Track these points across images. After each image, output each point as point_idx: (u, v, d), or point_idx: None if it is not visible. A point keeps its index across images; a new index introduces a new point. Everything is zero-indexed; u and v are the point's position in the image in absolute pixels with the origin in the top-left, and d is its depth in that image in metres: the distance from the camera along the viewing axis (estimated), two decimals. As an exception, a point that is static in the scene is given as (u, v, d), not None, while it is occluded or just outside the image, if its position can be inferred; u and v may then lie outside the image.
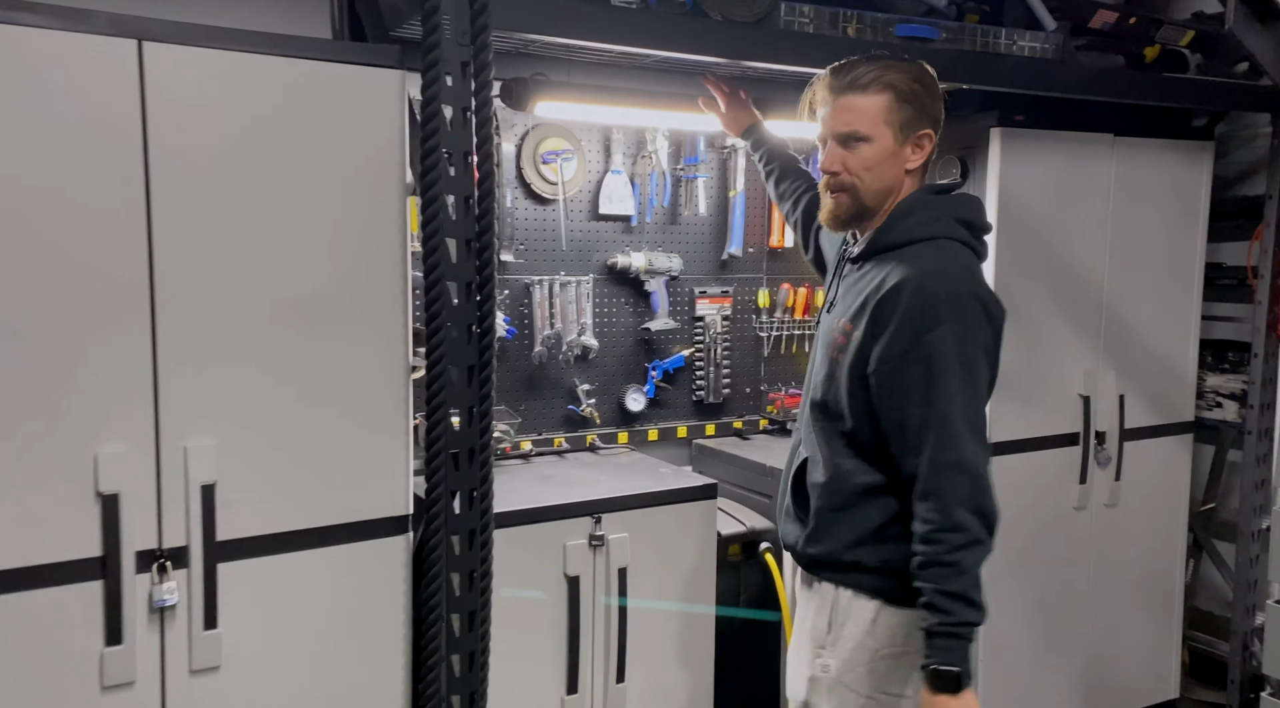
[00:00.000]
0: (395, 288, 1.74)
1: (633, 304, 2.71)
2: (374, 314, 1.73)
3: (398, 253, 1.76)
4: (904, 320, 1.42)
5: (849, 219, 1.57)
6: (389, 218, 1.73)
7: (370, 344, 1.74)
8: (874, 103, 1.49)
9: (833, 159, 1.53)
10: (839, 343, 1.53)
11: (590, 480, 2.27)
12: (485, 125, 1.65)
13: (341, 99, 1.67)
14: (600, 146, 2.60)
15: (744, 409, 2.98)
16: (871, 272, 1.53)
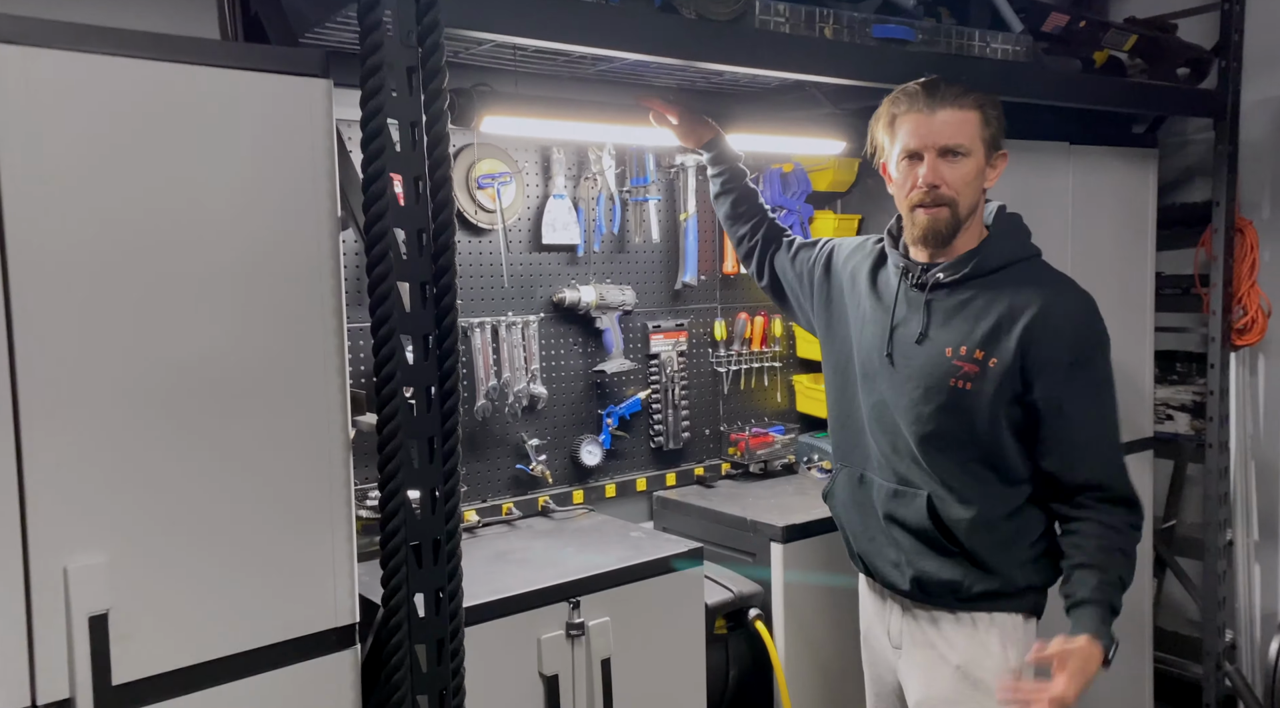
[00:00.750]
0: (328, 345, 1.45)
1: (582, 344, 2.47)
2: (302, 381, 1.44)
3: (330, 301, 1.47)
4: (1070, 343, 1.50)
5: (946, 235, 1.56)
6: (317, 259, 1.45)
7: (298, 418, 1.45)
8: (970, 118, 1.53)
9: (935, 172, 1.53)
10: (966, 372, 1.53)
11: (556, 555, 2.00)
12: (440, 143, 1.40)
13: (252, 115, 1.38)
14: (539, 168, 2.36)
15: (704, 454, 2.77)
16: (982, 294, 1.55)
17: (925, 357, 1.57)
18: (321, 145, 1.45)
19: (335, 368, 1.48)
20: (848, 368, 1.73)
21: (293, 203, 1.43)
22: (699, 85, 2.42)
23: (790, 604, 2.24)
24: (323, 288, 1.47)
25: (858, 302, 1.72)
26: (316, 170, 1.44)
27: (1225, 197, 3.04)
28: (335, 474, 1.49)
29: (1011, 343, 1.50)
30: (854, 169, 2.88)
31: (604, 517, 2.38)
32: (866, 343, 1.67)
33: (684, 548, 2.01)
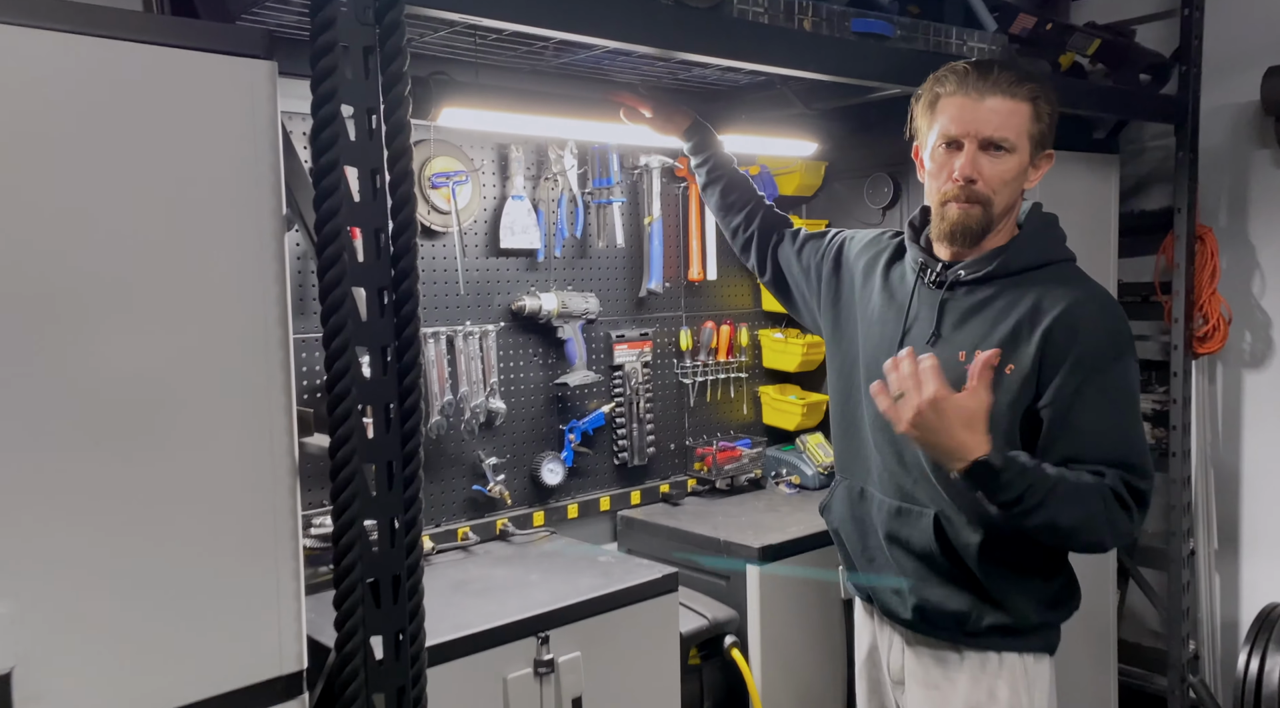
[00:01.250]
0: (272, 359, 1.31)
1: (543, 355, 2.34)
2: (241, 400, 1.29)
3: (273, 309, 1.33)
4: (1089, 350, 1.38)
5: (977, 235, 1.45)
6: (259, 262, 1.30)
7: (237, 442, 1.31)
8: (1020, 110, 1.41)
9: (973, 165, 1.41)
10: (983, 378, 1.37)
11: (519, 584, 1.87)
12: (401, 132, 1.27)
13: (184, 100, 1.23)
14: (496, 167, 2.23)
15: (669, 470, 2.66)
16: (1004, 296, 1.44)
17: (940, 360, 1.39)
18: (265, 136, 1.30)
19: (280, 385, 1.34)
20: (852, 372, 1.61)
21: (231, 200, 1.28)
22: (664, 82, 2.32)
23: (768, 630, 2.15)
24: (265, 295, 1.32)
25: (868, 299, 1.61)
26: (259, 163, 1.30)
27: (1186, 203, 3.05)
28: (280, 504, 1.34)
29: (1031, 348, 1.39)
30: (820, 173, 2.81)
31: (567, 540, 2.25)
32: (873, 345, 1.55)
33: (658, 574, 1.90)
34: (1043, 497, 1.31)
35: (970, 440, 1.30)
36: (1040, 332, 1.39)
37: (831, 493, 1.68)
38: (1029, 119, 1.41)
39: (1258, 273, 3.15)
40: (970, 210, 1.42)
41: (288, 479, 1.34)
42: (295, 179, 1.39)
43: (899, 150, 2.64)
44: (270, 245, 1.31)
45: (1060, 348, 1.37)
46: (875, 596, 1.60)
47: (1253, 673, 2.72)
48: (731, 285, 2.82)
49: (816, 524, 2.32)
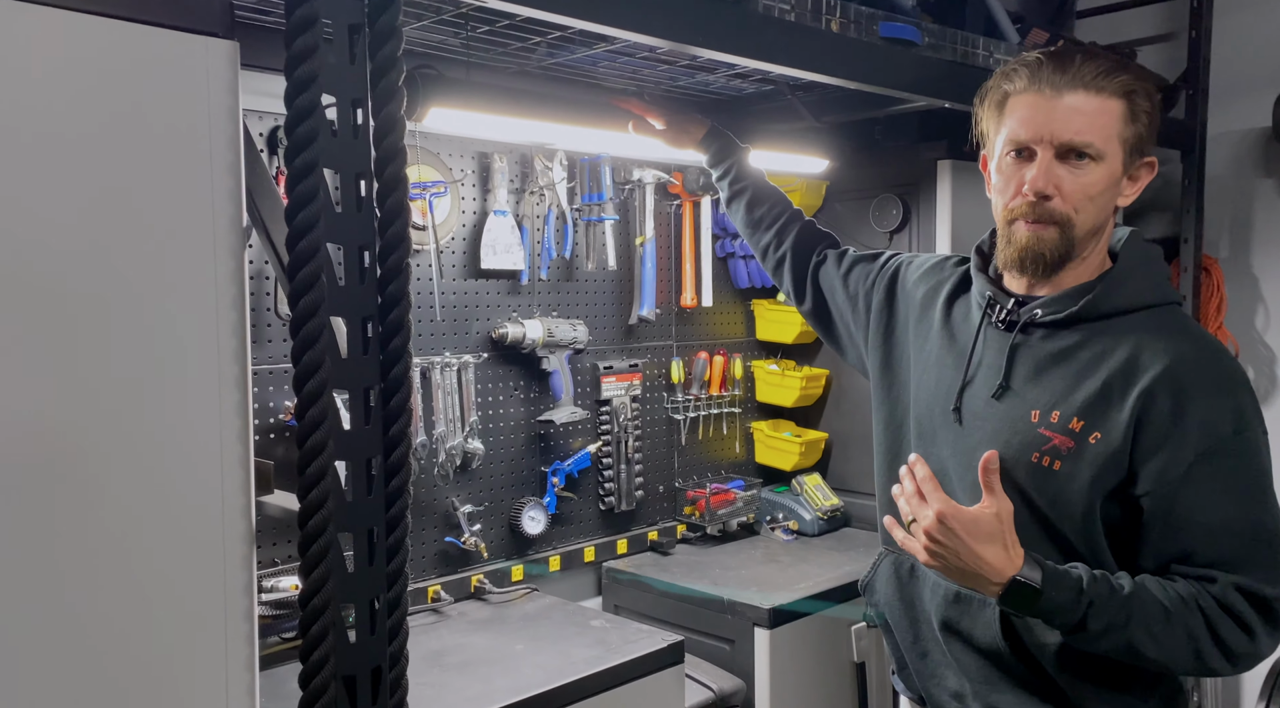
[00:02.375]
0: (226, 402, 1.10)
1: (524, 389, 2.15)
2: (186, 451, 1.07)
3: (229, 342, 1.11)
4: (1201, 421, 1.13)
5: (1052, 263, 1.21)
6: (213, 284, 1.09)
7: (180, 502, 1.08)
8: (1110, 109, 1.16)
9: (1047, 177, 1.17)
10: (1056, 445, 1.18)
11: (504, 655, 1.66)
12: (393, 129, 1.07)
13: (123, 81, 1.02)
14: (477, 178, 2.04)
15: (657, 515, 2.48)
16: (1091, 344, 1.20)
17: (1003, 418, 1.23)
18: (223, 131, 1.09)
19: (235, 432, 1.12)
20: (902, 425, 1.38)
21: (179, 208, 1.07)
22: (663, 88, 2.15)
23: (778, 701, 1.96)
24: (220, 324, 1.10)
25: (924, 338, 1.37)
26: (215, 164, 1.09)
27: (1194, 233, 2.97)
28: (232, 579, 1.12)
29: (1124, 415, 1.15)
30: (821, 192, 2.67)
31: (550, 598, 2.05)
32: (928, 394, 1.33)
33: (662, 644, 1.71)
34: (1110, 619, 1.11)
35: (996, 558, 1.13)
36: (1136, 395, 1.15)
37: (875, 569, 1.44)
38: (1121, 119, 1.17)
39: (1261, 306, 3.09)
40: (1044, 232, 1.19)
41: (242, 547, 1.12)
42: (258, 184, 1.18)
43: (908, 169, 2.54)
44: (227, 264, 1.09)
45: (1164, 418, 1.13)
46: (930, 697, 1.36)
47: None
48: (725, 313, 2.65)
49: (825, 579, 2.16)
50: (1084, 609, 1.11)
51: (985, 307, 1.29)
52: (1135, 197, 1.23)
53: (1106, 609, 1.11)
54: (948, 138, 2.41)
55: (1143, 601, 1.12)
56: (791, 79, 2.01)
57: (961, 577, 1.17)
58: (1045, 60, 1.19)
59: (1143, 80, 1.19)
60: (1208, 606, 1.12)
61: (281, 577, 1.72)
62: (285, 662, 1.70)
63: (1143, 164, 1.22)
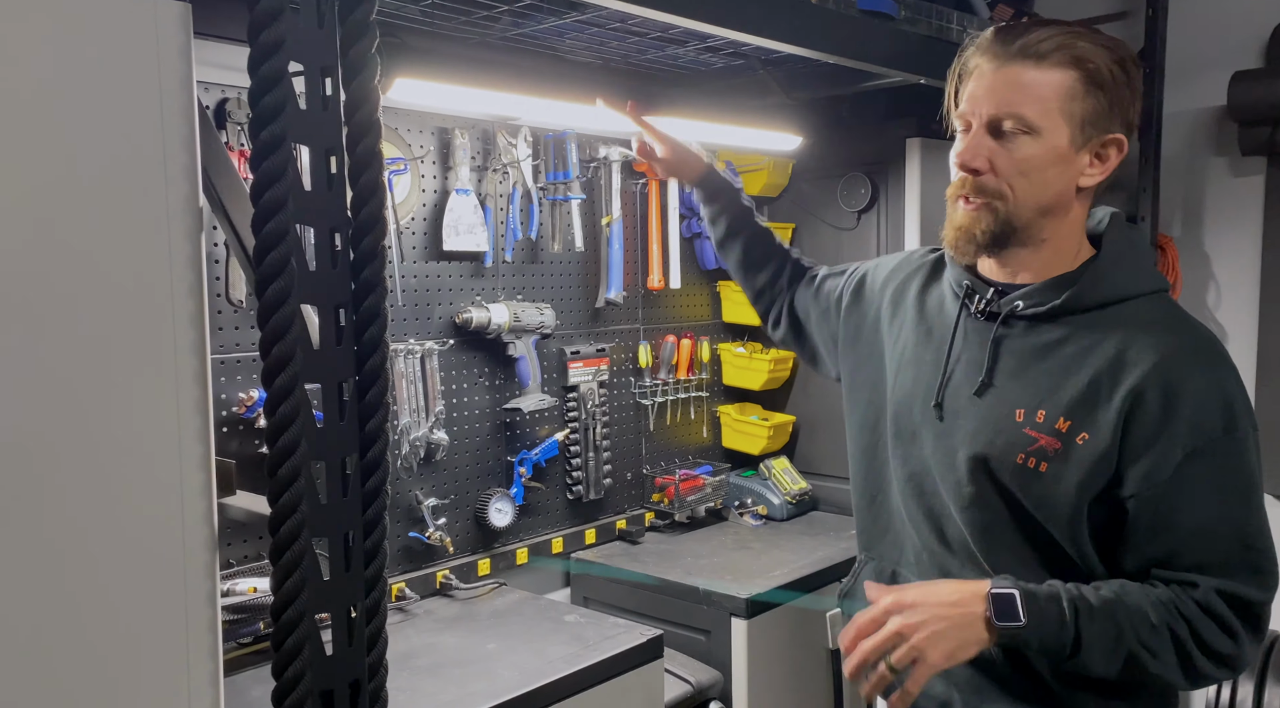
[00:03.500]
0: (184, 398, 1.02)
1: (489, 375, 2.08)
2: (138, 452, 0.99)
3: (187, 333, 1.03)
4: (1191, 420, 1.08)
5: (988, 243, 1.15)
6: (166, 271, 1.00)
7: (133, 509, 1.00)
8: (1051, 81, 1.08)
9: (975, 151, 1.12)
10: (1042, 446, 1.12)
11: (477, 655, 1.60)
12: (366, 100, 1.00)
13: (62, 44, 0.92)
14: (438, 155, 1.95)
15: (626, 503, 2.43)
16: (1077, 338, 1.14)
17: (985, 415, 1.16)
18: (176, 101, 1.00)
19: (195, 432, 1.03)
20: (877, 426, 1.32)
21: (130, 186, 0.98)
22: (631, 60, 2.08)
23: (756, 691, 1.93)
24: (176, 313, 1.02)
25: (897, 335, 1.31)
26: (168, 138, 1.00)
27: (1150, 211, 3.00)
28: (194, 589, 1.04)
29: (1111, 414, 1.09)
30: (788, 172, 2.63)
31: (519, 593, 1.99)
32: (904, 389, 1.26)
33: (641, 639, 1.67)
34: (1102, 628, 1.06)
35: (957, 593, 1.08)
36: (1124, 393, 1.09)
37: (855, 577, 1.36)
38: (1068, 92, 1.08)
39: (1213, 284, 3.14)
40: (978, 211, 1.12)
41: (203, 555, 1.04)
42: (215, 161, 1.09)
43: (877, 147, 2.52)
44: (183, 248, 1.00)
45: (1152, 417, 1.08)
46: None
47: (1224, 702, 2.68)
48: (692, 295, 2.60)
49: (798, 565, 2.14)
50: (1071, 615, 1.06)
51: (963, 296, 1.22)
52: (1101, 178, 1.15)
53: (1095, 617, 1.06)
54: (916, 115, 2.39)
55: (1129, 609, 1.07)
56: (764, 53, 1.97)
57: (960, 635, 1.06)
58: (995, 33, 1.13)
59: (1100, 50, 1.09)
60: (1190, 612, 1.08)
61: (239, 579, 1.64)
62: (245, 668, 1.63)
63: (1110, 141, 1.13)
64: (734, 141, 2.25)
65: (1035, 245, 1.16)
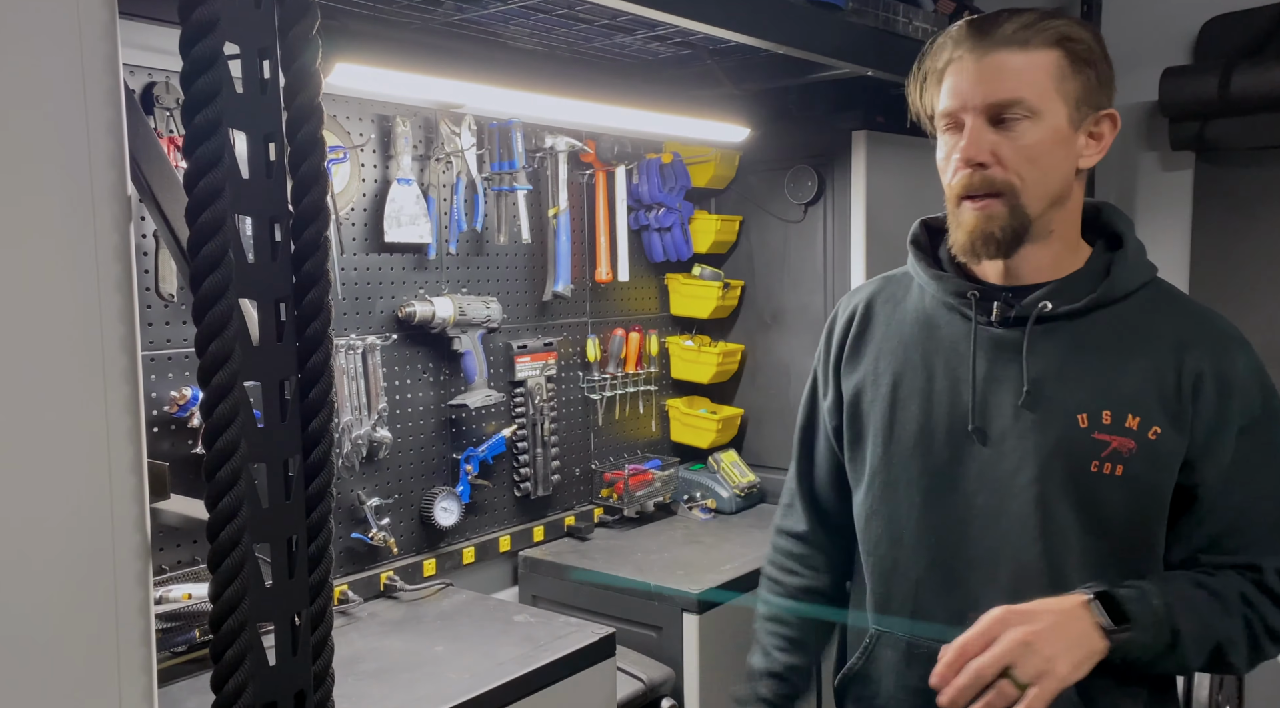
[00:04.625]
0: (114, 397, 0.96)
1: (433, 371, 2.03)
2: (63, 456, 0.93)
3: (116, 328, 0.98)
4: (1246, 406, 1.07)
5: (1008, 241, 1.07)
6: (93, 264, 0.95)
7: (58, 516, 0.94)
8: (1040, 62, 1.04)
9: (977, 144, 1.04)
10: (1116, 448, 1.06)
11: (424, 659, 1.57)
12: (307, 84, 0.96)
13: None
14: (378, 143, 1.89)
15: (575, 499, 2.40)
16: (1115, 329, 1.09)
17: (1042, 428, 1.08)
18: (100, 83, 0.94)
19: (125, 433, 0.98)
20: (894, 482, 1.17)
21: (51, 174, 0.92)
22: (577, 48, 2.05)
23: (708, 686, 1.93)
24: (104, 308, 0.96)
25: (889, 373, 1.18)
26: (92, 123, 0.94)
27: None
28: (126, 600, 0.99)
29: (1181, 401, 1.06)
30: (735, 164, 2.62)
31: (467, 593, 1.95)
32: (913, 423, 1.14)
33: (593, 637, 1.65)
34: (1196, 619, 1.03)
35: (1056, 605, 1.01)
36: (1189, 379, 1.06)
37: (864, 659, 1.19)
38: (1057, 71, 1.04)
39: (1145, 276, 3.22)
40: (991, 209, 1.06)
41: (136, 564, 0.99)
42: (144, 148, 1.04)
43: (824, 140, 2.52)
44: (110, 239, 0.95)
45: (1212, 401, 1.06)
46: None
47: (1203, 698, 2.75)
48: (640, 288, 2.58)
49: (749, 559, 2.13)
50: (1165, 613, 1.01)
51: (974, 306, 1.12)
52: (1099, 156, 1.10)
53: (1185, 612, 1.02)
54: (863, 108, 2.39)
55: (1210, 601, 1.04)
56: (712, 43, 1.95)
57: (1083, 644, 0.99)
58: (968, 25, 1.08)
59: (1079, 28, 1.07)
60: (1254, 596, 1.05)
61: (172, 585, 1.58)
62: (179, 678, 1.56)
63: (1103, 117, 1.09)
64: (681, 132, 2.23)
65: (1045, 240, 1.10)
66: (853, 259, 2.44)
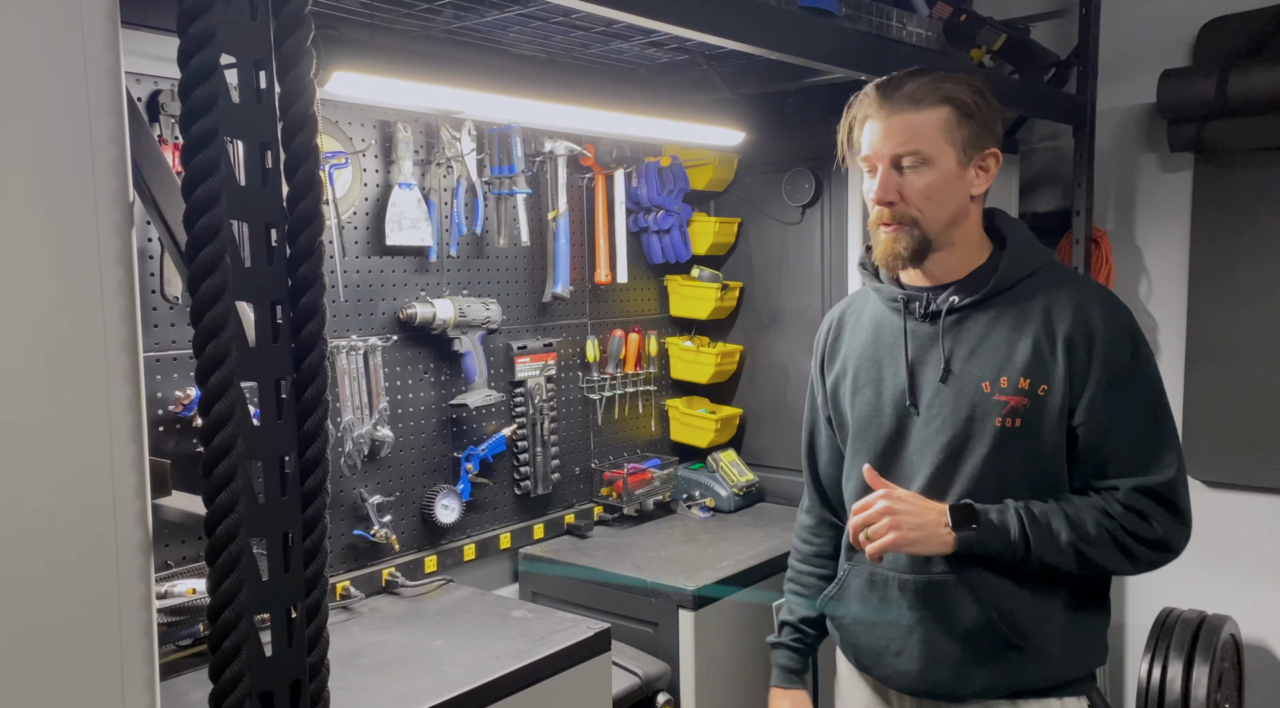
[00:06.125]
0: (115, 399, 1.00)
1: (434, 371, 2.06)
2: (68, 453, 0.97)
3: (117, 331, 1.01)
4: (1109, 354, 1.34)
5: (911, 256, 1.39)
6: (95, 268, 0.98)
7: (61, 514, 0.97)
8: (932, 119, 1.34)
9: (887, 187, 1.36)
10: (1014, 406, 1.34)
11: (423, 653, 1.59)
12: (302, 94, 0.99)
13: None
14: (380, 149, 1.93)
15: (574, 497, 2.43)
16: (1007, 313, 1.38)
17: (957, 397, 1.37)
18: (103, 91, 0.98)
19: (127, 431, 1.01)
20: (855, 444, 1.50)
21: (56, 181, 0.95)
22: (575, 54, 2.08)
23: (703, 682, 1.95)
24: (107, 310, 0.99)
25: (853, 367, 1.51)
26: (96, 131, 0.97)
27: (1085, 206, 3.08)
28: (128, 593, 1.02)
29: (1058, 363, 1.34)
30: (733, 167, 2.65)
31: (467, 589, 1.98)
32: (867, 404, 1.46)
33: (589, 632, 1.67)
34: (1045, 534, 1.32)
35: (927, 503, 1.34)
36: (1060, 343, 1.34)
37: (841, 585, 1.52)
38: (946, 125, 1.34)
39: (1144, 277, 3.23)
40: (898, 233, 1.37)
41: (137, 558, 1.02)
42: (145, 155, 1.07)
43: (820, 143, 2.52)
44: (112, 244, 0.98)
45: (1083, 357, 1.34)
46: (894, 679, 1.45)
47: (1155, 681, 2.76)
48: (639, 289, 2.61)
49: (745, 557, 2.16)
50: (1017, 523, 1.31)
51: (904, 306, 1.43)
52: (987, 185, 1.39)
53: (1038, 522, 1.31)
54: (859, 111, 2.41)
55: (1066, 514, 1.32)
56: (708, 49, 1.97)
57: (920, 533, 1.31)
58: (878, 88, 1.38)
59: (961, 87, 1.35)
60: (1114, 510, 1.32)
61: (177, 580, 1.61)
62: (184, 671, 1.60)
63: (988, 155, 1.38)
64: (679, 137, 2.26)
65: (949, 249, 1.40)
66: (849, 261, 2.45)
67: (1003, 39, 2.85)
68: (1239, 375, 2.81)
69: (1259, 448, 2.78)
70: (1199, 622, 2.73)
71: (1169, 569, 1.42)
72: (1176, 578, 2.84)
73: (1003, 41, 2.86)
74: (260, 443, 0.98)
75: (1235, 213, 2.89)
